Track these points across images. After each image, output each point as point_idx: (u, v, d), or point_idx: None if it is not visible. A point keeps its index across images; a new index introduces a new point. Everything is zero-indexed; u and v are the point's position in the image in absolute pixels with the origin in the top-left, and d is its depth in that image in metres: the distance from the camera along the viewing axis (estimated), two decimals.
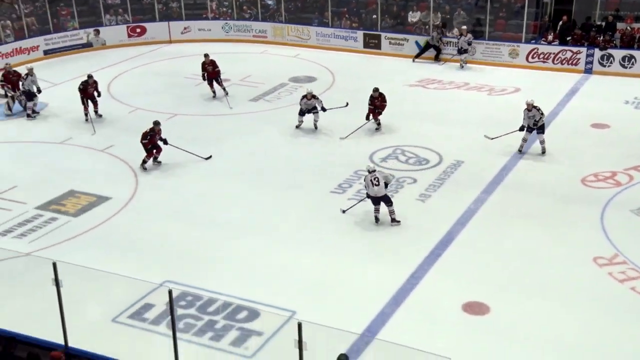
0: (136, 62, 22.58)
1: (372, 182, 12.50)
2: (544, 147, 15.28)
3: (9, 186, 14.14)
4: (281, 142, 16.59)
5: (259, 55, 23.81)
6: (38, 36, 23.10)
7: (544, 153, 15.26)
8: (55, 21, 23.68)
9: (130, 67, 22.13)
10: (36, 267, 9.93)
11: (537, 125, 15.10)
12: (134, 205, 13.59)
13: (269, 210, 13.36)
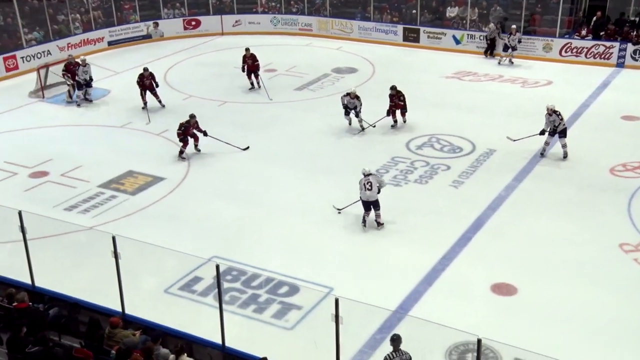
0: (190, 53, 22.73)
1: (365, 185, 11.68)
2: (566, 152, 14.28)
3: (74, 166, 14.42)
4: (322, 128, 16.52)
5: (304, 47, 23.71)
6: (103, 28, 23.42)
7: (566, 157, 14.25)
8: (118, 14, 23.98)
9: (185, 58, 22.29)
10: (97, 240, 10.11)
11: (557, 130, 14.13)
12: (185, 186, 13.73)
13: (310, 192, 13.34)
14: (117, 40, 23.66)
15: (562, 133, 14.20)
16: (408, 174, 14.03)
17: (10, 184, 13.68)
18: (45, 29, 21.77)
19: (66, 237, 11.47)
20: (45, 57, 20.96)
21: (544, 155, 14.45)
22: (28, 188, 13.49)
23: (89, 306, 9.15)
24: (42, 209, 12.04)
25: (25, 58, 20.74)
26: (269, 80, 20.05)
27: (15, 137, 16.16)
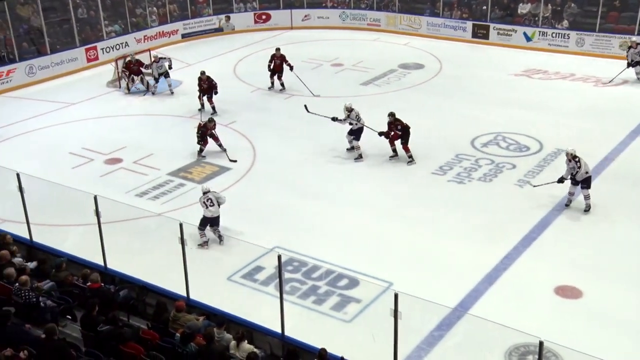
0: (260, 46, 22.94)
1: (206, 203, 11.09)
2: (588, 204, 11.93)
3: (146, 154, 14.83)
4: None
5: (371, 42, 23.55)
6: (178, 21, 23.94)
7: (587, 210, 11.94)
8: (193, 8, 24.45)
9: (254, 51, 22.52)
10: (165, 226, 10.36)
11: (576, 179, 11.88)
12: (251, 176, 13.89)
13: (373, 186, 13.27)
14: (190, 33, 24.16)
15: (584, 183, 11.86)
16: (472, 172, 13.73)
17: (87, 170, 14.20)
18: (124, 22, 22.45)
19: (137, 222, 11.81)
20: (123, 48, 21.63)
21: (568, 206, 12.15)
22: (103, 174, 13.97)
23: (155, 289, 9.40)
24: (115, 194, 12.42)
25: (105, 49, 21.46)
26: (335, 75, 20.07)
27: (93, 124, 16.75)
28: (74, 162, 14.45)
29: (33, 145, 15.42)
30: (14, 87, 19.09)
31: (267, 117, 16.81)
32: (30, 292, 8.37)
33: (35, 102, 18.19)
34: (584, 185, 11.92)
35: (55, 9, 21.14)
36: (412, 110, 17.04)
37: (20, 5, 20.40)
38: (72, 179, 13.31)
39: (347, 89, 18.75)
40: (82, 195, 10.01)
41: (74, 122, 16.88)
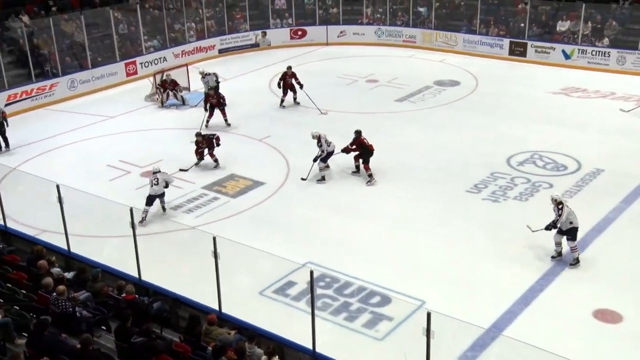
0: (296, 62, 23.05)
1: (152, 182, 12.54)
2: (575, 257, 10.86)
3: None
4: (422, 140, 16.32)
5: (407, 58, 23.56)
6: (215, 37, 24.34)
7: (574, 264, 10.84)
8: (230, 24, 24.83)
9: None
10: (199, 240, 10.44)
11: (556, 227, 10.82)
12: (284, 191, 13.95)
13: (406, 203, 13.20)
14: (227, 48, 24.53)
15: (568, 233, 10.78)
16: (507, 191, 13.56)
17: (123, 182, 14.46)
18: (163, 37, 22.91)
19: (171, 235, 11.96)
20: (161, 63, 22.07)
21: (555, 258, 11.04)
22: (139, 186, 14.18)
23: (188, 302, 9.47)
24: (151, 207, 12.60)
25: (143, 64, 21.92)
26: (369, 91, 20.11)
27: (131, 137, 17.08)
28: (112, 174, 14.73)
29: (72, 158, 15.77)
30: (56, 100, 19.61)
31: (301, 132, 16.86)
32: (67, 302, 8.52)
33: (76, 115, 18.63)
34: (568, 237, 10.81)
35: (97, 25, 21.70)
36: (447, 127, 16.99)
37: (65, 21, 20.99)
38: (109, 190, 13.58)
39: (381, 105, 18.75)
40: (119, 207, 10.18)
41: (112, 135, 17.23)
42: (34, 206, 12.73)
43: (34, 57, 19.66)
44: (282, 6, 25.69)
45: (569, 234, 10.82)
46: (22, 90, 19.00)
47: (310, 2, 25.75)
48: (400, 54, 23.98)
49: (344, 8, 25.52)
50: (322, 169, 14.19)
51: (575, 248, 10.87)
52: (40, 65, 19.91)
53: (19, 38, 19.72)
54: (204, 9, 24.23)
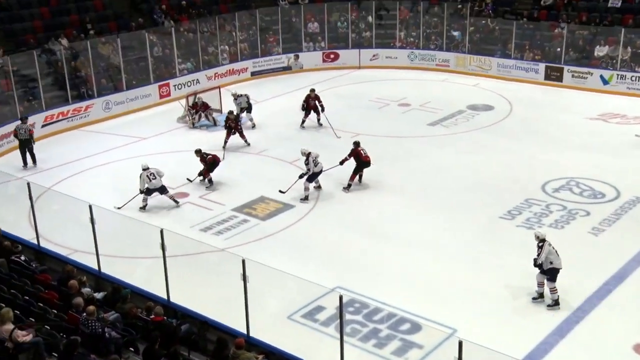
0: (327, 85, 23.30)
1: (149, 177, 13.65)
2: (553, 298, 10.45)
3: (212, 189, 15.18)
4: (454, 165, 16.22)
5: (440, 82, 23.54)
6: (248, 59, 24.69)
7: (552, 306, 10.47)
8: (262, 47, 25.17)
9: (321, 89, 22.73)
10: (228, 262, 10.51)
11: (536, 265, 10.49)
12: (314, 214, 13.97)
13: (438, 229, 13.10)
14: (259, 70, 24.85)
15: (548, 273, 10.39)
16: (542, 218, 13.37)
17: (154, 203, 14.63)
18: (197, 60, 23.34)
19: (200, 257, 12.04)
20: (194, 85, 22.44)
21: (536, 299, 10.63)
22: (170, 208, 14.36)
23: (216, 325, 9.49)
24: (181, 228, 12.75)
25: (177, 86, 22.33)
26: (401, 115, 20.12)
27: (162, 158, 17.28)
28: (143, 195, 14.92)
29: (105, 178, 16.07)
30: (91, 121, 20.04)
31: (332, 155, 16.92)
32: (97, 322, 8.61)
33: (110, 136, 19.02)
34: (548, 277, 10.45)
35: (133, 48, 22.21)
36: (480, 152, 16.88)
37: (102, 44, 21.53)
38: (141, 212, 13.75)
39: (413, 129, 18.74)
40: (149, 228, 10.31)
41: (144, 156, 17.46)
42: (67, 226, 12.98)
43: (72, 79, 20.17)
44: (314, 29, 25.98)
45: (548, 274, 10.45)
46: (58, 111, 19.46)
47: (343, 25, 26.00)
48: (433, 77, 23.98)
49: (376, 32, 25.69)
50: (306, 188, 14.40)
51: (555, 289, 10.44)
52: (77, 87, 20.41)
53: (57, 60, 20.27)
54: (238, 32, 24.61)
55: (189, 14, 24.84)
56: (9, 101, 18.60)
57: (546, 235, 10.57)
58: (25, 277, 10.04)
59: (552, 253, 10.39)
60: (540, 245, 10.43)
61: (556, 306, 10.45)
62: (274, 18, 25.56)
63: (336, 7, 26.27)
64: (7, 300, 9.07)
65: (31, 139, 16.80)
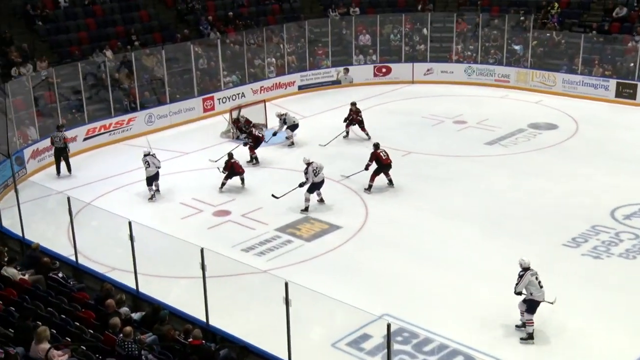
0: (378, 100, 23.32)
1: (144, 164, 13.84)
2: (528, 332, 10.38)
3: (255, 207, 15.32)
4: (514, 187, 15.96)
5: (499, 99, 23.27)
6: (295, 73, 24.97)
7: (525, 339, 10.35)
8: (311, 60, 25.42)
9: (372, 105, 22.89)
10: (270, 284, 10.55)
11: (515, 292, 10.37)
12: (362, 236, 13.93)
13: (495, 256, 12.86)
14: (307, 84, 25.07)
15: (526, 303, 10.29)
16: (611, 246, 12.99)
17: (196, 221, 14.86)
18: (242, 73, 23.72)
19: (241, 278, 12.13)
20: (239, 99, 22.78)
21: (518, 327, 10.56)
22: (211, 226, 14.55)
23: (256, 351, 9.52)
24: (222, 248, 12.88)
25: (221, 99, 22.71)
26: (457, 133, 19.96)
27: (205, 174, 17.59)
28: (184, 213, 15.19)
29: (146, 194, 16.38)
30: (133, 135, 20.54)
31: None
32: (133, 344, 8.73)
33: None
34: (526, 307, 10.33)
35: (177, 60, 22.75)
36: (542, 175, 16.59)
37: (146, 56, 22.13)
38: (181, 229, 13.99)
39: (470, 148, 18.55)
40: (189, 247, 10.44)
41: (187, 172, 17.82)
42: (106, 242, 13.28)
43: (115, 91, 20.74)
44: (366, 42, 26.09)
45: (527, 304, 10.31)
46: (100, 124, 20.02)
47: (396, 38, 26.03)
48: (491, 94, 23.73)
49: (431, 45, 25.64)
50: (306, 199, 14.89)
51: (531, 322, 10.24)
52: (120, 100, 20.98)
53: (101, 73, 20.90)
54: (285, 44, 24.91)
55: (236, 25, 25.30)
56: (52, 113, 19.22)
57: (530, 264, 10.38)
58: (63, 295, 10.29)
59: (534, 284, 10.25)
60: (521, 275, 10.31)
61: (530, 340, 10.27)
62: (324, 30, 25.81)
63: (389, 19, 26.38)
64: (44, 319, 9.29)
65: (66, 147, 17.50)
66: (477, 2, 27.16)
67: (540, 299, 10.26)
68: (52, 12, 22.79)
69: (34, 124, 18.44)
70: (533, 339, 10.28)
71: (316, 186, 14.96)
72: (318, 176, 14.89)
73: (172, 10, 25.48)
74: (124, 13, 24.18)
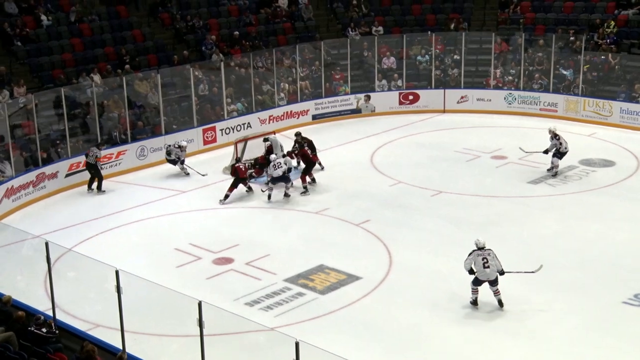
0: (404, 132, 23.43)
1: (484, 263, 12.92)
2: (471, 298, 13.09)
3: (261, 254, 15.35)
4: (563, 234, 15.90)
5: (544, 131, 23.18)
6: (309, 100, 25.21)
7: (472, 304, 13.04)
8: (327, 85, 25.67)
9: (397, 137, 23.02)
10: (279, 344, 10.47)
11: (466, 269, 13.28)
12: (385, 288, 13.88)
13: (543, 314, 12.78)
14: (322, 113, 25.26)
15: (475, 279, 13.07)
16: None
17: (193, 269, 14.90)
18: (249, 100, 23.94)
19: (245, 337, 12.09)
20: (245, 129, 22.99)
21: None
22: (210, 276, 14.57)
23: None
24: (223, 301, 12.89)
25: (224, 130, 22.93)
26: (496, 170, 19.98)
27: (204, 216, 17.70)
28: (179, 260, 15.24)
29: (136, 238, 16.50)
30: (122, 170, 20.76)
31: (408, 217, 16.89)
32: None
33: (143, 189, 19.62)
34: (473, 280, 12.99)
35: (174, 85, 23.09)
36: (597, 219, 16.54)
37: (139, 81, 22.42)
38: (176, 279, 14.03)
39: (511, 187, 18.55)
40: (185, 300, 10.44)
41: (183, 213, 17.93)
42: (89, 295, 13.32)
43: (102, 121, 20.99)
44: (390, 65, 26.33)
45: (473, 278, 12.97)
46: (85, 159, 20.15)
47: (425, 60, 26.25)
48: (536, 125, 23.75)
49: (466, 69, 25.84)
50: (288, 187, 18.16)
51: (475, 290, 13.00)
52: (109, 131, 21.19)
53: (87, 100, 21.14)
54: (298, 67, 25.19)
55: (242, 46, 25.65)
56: (30, 147, 19.45)
57: (485, 245, 12.88)
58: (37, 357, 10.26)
59: (478, 264, 12.78)
60: (470, 253, 12.91)
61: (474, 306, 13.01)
62: (342, 52, 26.15)
63: (417, 39, 26.67)
64: None
65: (96, 164, 19.06)
66: (519, 20, 27.47)
67: (482, 278, 12.80)
68: (32, 31, 23.30)
69: (9, 159, 18.63)
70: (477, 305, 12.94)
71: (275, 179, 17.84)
72: (277, 171, 17.70)
73: (170, 29, 26.00)
74: (115, 32, 24.68)
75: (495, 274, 12.79)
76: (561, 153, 18.86)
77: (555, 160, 18.97)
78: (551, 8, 27.50)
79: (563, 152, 18.82)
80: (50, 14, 24.08)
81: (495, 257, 12.83)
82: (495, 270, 12.79)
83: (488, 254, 12.78)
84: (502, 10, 28.21)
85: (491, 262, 12.72)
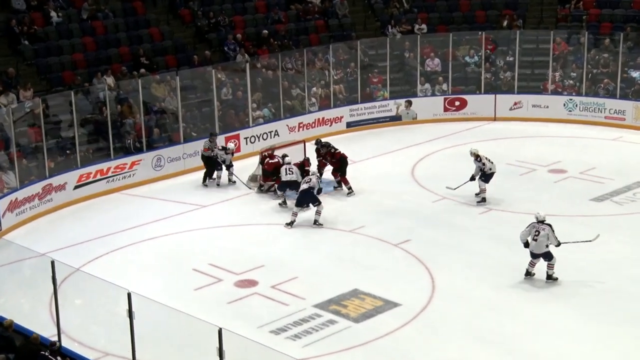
0: (449, 142, 23.34)
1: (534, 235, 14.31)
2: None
3: (289, 277, 15.36)
4: (633, 258, 15.73)
5: (610, 142, 23.10)
6: (343, 106, 25.22)
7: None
8: (364, 90, 25.63)
9: (441, 147, 22.95)
10: None
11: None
12: (427, 317, 13.81)
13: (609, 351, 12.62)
14: (357, 121, 25.26)
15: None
16: None
17: (213, 293, 14.95)
18: (276, 105, 23.98)
19: None
20: (272, 138, 23.07)
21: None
22: (232, 300, 14.62)
23: None
24: (245, 328, 12.92)
25: (249, 139, 23.01)
26: (554, 185, 19.85)
27: (225, 234, 17.76)
28: (198, 282, 15.31)
29: (151, 258, 16.59)
30: (136, 182, 20.94)
31: (453, 237, 16.80)
32: None
33: (159, 203, 19.77)
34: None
35: (195, 88, 23.20)
36: None
37: (156, 84, 22.55)
38: (194, 303, 14.09)
39: (571, 205, 18.42)
40: (203, 326, 10.49)
41: (203, 230, 18.01)
42: (98, 320, 13.42)
43: (116, 127, 21.14)
44: (434, 67, 26.29)
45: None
46: (96, 168, 20.40)
47: (474, 61, 26.14)
48: (600, 135, 23.58)
49: (520, 71, 25.72)
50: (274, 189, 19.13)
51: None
52: (122, 138, 21.35)
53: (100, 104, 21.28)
54: (332, 69, 25.23)
55: (270, 45, 25.66)
56: (37, 155, 19.65)
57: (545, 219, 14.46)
58: None
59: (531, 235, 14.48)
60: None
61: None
62: (381, 52, 26.19)
63: (465, 39, 26.62)
64: None
65: (214, 156, 20.46)
66: (581, 17, 27.27)
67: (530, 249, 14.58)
68: (41, 29, 23.57)
69: (13, 169, 18.79)
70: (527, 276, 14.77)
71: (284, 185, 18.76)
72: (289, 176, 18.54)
73: (190, 27, 26.18)
74: (130, 30, 24.92)
75: (544, 248, 14.36)
76: (487, 175, 18.47)
77: (481, 183, 18.55)
78: (619, 3, 27.34)
79: (489, 173, 18.44)
80: (61, 10, 24.31)
81: (549, 233, 14.30)
82: (544, 245, 14.33)
83: (543, 229, 14.36)
84: (562, 5, 28.06)
85: (541, 236, 14.29)
